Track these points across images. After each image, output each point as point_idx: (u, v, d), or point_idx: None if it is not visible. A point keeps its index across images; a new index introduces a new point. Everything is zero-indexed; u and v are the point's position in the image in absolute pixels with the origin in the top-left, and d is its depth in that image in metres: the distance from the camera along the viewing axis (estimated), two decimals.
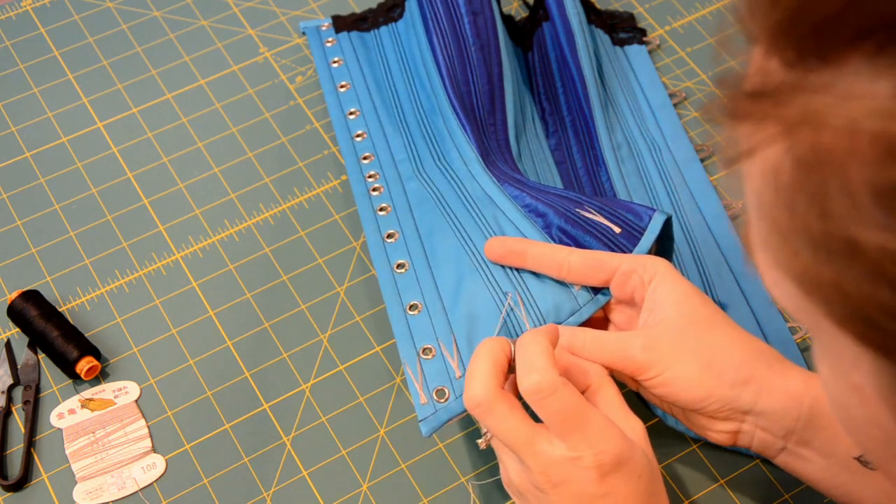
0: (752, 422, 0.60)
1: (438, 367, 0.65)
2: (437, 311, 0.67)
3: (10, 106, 0.86)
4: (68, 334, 0.73)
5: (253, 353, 0.74)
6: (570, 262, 0.64)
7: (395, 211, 0.74)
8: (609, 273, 0.64)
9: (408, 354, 0.66)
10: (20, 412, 0.72)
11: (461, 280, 0.68)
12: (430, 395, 0.64)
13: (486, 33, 0.80)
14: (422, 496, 0.69)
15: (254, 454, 0.71)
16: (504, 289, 0.66)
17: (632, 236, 0.66)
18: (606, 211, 0.68)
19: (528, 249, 0.66)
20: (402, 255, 0.71)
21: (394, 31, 0.86)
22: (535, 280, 0.66)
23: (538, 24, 0.86)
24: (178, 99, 0.87)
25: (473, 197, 0.72)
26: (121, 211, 0.81)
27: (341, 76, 0.84)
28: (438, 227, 0.71)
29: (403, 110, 0.81)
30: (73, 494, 0.69)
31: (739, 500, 0.69)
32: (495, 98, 0.78)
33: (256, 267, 0.78)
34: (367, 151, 0.79)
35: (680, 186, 0.80)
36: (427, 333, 0.67)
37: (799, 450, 0.59)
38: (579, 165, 0.81)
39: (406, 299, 0.69)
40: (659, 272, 0.62)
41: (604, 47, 0.87)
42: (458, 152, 0.75)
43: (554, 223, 0.68)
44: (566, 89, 0.84)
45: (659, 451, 0.70)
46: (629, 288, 0.63)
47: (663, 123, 0.84)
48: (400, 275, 0.70)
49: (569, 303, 0.65)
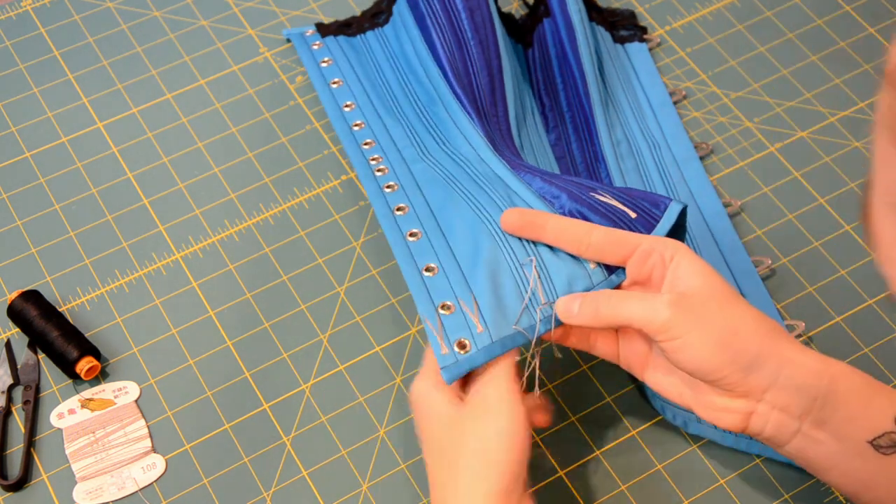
0: (770, 400, 0.59)
1: (458, 321, 0.64)
2: (455, 274, 0.66)
3: (10, 106, 0.86)
4: (68, 334, 0.73)
5: (253, 353, 0.74)
6: (591, 236, 0.64)
7: (403, 188, 0.73)
8: (629, 250, 0.64)
9: (426, 310, 0.65)
10: (20, 412, 0.72)
11: (478, 247, 0.67)
12: (451, 347, 0.64)
13: (483, 29, 0.80)
14: (422, 496, 0.69)
15: (254, 454, 0.71)
16: (521, 260, 0.66)
17: (647, 223, 0.66)
18: (622, 197, 0.67)
19: (547, 222, 0.65)
20: (414, 225, 0.70)
21: (381, 35, 0.86)
22: (550, 254, 0.66)
23: (539, 20, 0.86)
24: (178, 99, 0.87)
25: (485, 177, 0.72)
26: (121, 211, 0.81)
27: (332, 74, 0.84)
28: (451, 200, 0.70)
29: (399, 103, 0.81)
30: (73, 494, 0.69)
31: (739, 500, 0.69)
32: (496, 91, 0.79)
33: (256, 267, 0.78)
34: (368, 138, 0.78)
35: (679, 184, 0.80)
36: (446, 292, 0.66)
37: (813, 432, 0.59)
38: (578, 161, 0.81)
39: (421, 262, 0.68)
40: (679, 252, 0.62)
41: (604, 45, 0.87)
42: (465, 138, 0.75)
43: (568, 205, 0.67)
44: (566, 86, 0.84)
45: (659, 451, 0.70)
46: (648, 266, 0.63)
47: (663, 121, 0.84)
48: (413, 242, 0.69)
49: (582, 280, 0.65)
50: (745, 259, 0.77)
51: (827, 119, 0.85)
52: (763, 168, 0.83)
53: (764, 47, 0.90)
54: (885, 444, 0.58)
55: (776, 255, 0.78)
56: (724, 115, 0.86)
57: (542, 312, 0.64)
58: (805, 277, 0.77)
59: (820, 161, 0.83)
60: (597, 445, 0.71)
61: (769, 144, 0.84)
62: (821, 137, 0.84)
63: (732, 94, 0.87)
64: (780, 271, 0.78)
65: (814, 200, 0.81)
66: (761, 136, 0.84)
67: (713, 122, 0.85)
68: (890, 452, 0.59)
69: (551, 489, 0.69)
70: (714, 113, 0.86)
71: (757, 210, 0.80)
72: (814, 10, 0.92)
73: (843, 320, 0.75)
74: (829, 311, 0.76)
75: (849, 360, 0.74)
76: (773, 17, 0.91)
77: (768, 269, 0.77)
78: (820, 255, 0.78)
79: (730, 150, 0.84)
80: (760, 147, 0.84)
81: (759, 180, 0.82)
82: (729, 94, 0.87)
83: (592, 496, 0.69)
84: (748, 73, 0.88)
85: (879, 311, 0.76)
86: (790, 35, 0.90)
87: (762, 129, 0.85)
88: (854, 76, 0.88)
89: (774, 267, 0.78)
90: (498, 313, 0.64)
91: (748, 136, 0.84)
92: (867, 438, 0.59)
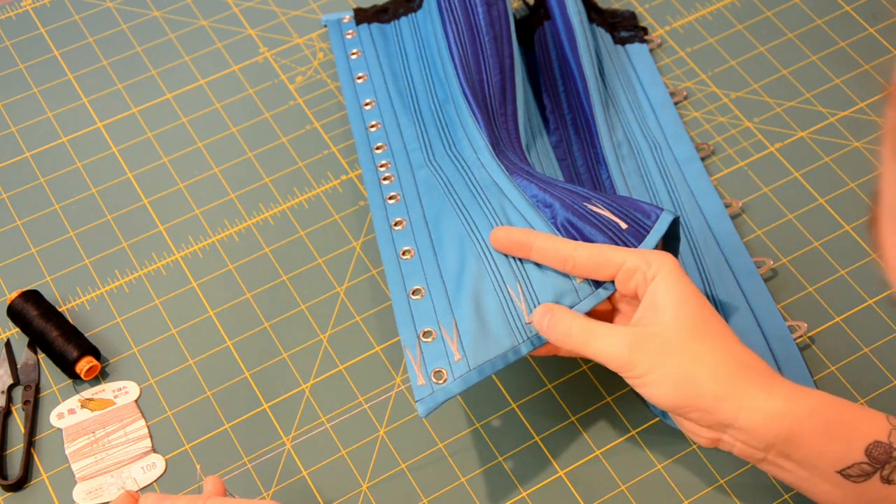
0: (732, 434, 0.60)
1: (438, 349, 0.65)
2: (440, 296, 0.68)
3: (10, 106, 0.86)
4: (68, 334, 0.73)
5: (253, 353, 0.74)
6: (576, 256, 0.64)
7: (405, 199, 0.74)
8: (614, 269, 0.64)
9: (408, 338, 0.67)
10: (20, 412, 0.72)
11: (464, 266, 0.68)
12: (427, 377, 0.65)
13: (499, 24, 0.80)
14: (422, 496, 0.69)
15: (254, 454, 0.71)
16: (505, 278, 0.66)
17: (638, 233, 0.66)
18: (614, 207, 0.68)
19: (533, 242, 0.66)
20: (408, 242, 0.71)
21: (413, 22, 0.87)
22: (536, 270, 0.66)
23: (539, 22, 0.86)
24: (178, 99, 0.87)
25: (481, 184, 0.72)
26: (121, 211, 0.81)
27: (359, 68, 0.85)
28: (445, 213, 0.71)
29: (418, 100, 0.81)
30: (73, 494, 0.69)
31: (739, 500, 0.69)
32: (506, 89, 0.79)
33: (256, 267, 0.78)
34: (381, 141, 0.79)
35: (680, 185, 0.80)
36: (429, 317, 0.67)
37: (780, 461, 0.60)
38: (580, 163, 0.81)
39: (410, 284, 0.69)
40: (662, 270, 0.62)
41: (605, 46, 0.87)
42: (469, 140, 0.76)
43: (560, 215, 0.68)
44: (567, 87, 0.84)
45: (659, 451, 0.70)
46: (633, 284, 0.63)
47: (664, 122, 0.84)
48: (405, 261, 0.70)
49: (569, 295, 0.65)
50: (746, 260, 0.77)
51: (827, 119, 0.85)
52: (763, 168, 0.83)
53: (764, 47, 0.90)
54: (854, 474, 0.58)
55: (776, 256, 0.78)
56: (724, 115, 0.86)
57: (526, 331, 0.65)
58: (805, 277, 0.77)
59: (820, 161, 0.83)
60: (597, 445, 0.71)
61: (769, 144, 0.84)
62: (821, 137, 0.84)
63: (732, 94, 0.87)
64: (780, 271, 0.78)
65: (814, 200, 0.81)
66: (761, 136, 0.84)
67: (713, 122, 0.85)
68: (861, 481, 0.58)
69: (551, 489, 0.69)
70: (714, 113, 0.86)
71: (757, 210, 0.80)
72: (814, 10, 0.92)
73: (843, 320, 0.75)
74: (829, 311, 0.76)
75: (849, 360, 0.74)
76: (773, 17, 0.91)
77: (770, 270, 0.77)
78: (820, 255, 0.78)
79: (730, 151, 0.84)
80: (760, 147, 0.84)
81: (759, 180, 0.82)
82: (729, 94, 0.87)
83: (592, 496, 0.69)
84: (748, 73, 0.88)
85: (879, 311, 0.76)
86: (790, 35, 0.90)
87: (762, 129, 0.85)
88: (854, 76, 0.88)
89: (775, 266, 0.78)
90: (479, 337, 0.65)
91: (748, 136, 0.84)
92: (836, 469, 0.59)
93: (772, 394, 0.59)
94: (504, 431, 0.71)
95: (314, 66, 0.88)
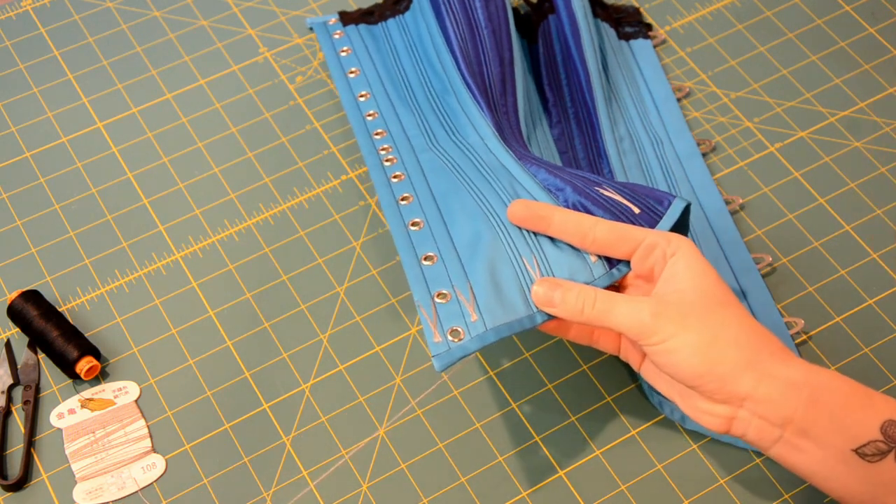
0: (750, 408, 0.60)
1: (454, 309, 0.65)
2: (453, 263, 0.67)
3: (10, 106, 0.86)
4: (68, 334, 0.73)
5: (253, 353, 0.74)
6: (596, 231, 0.64)
7: (409, 178, 0.74)
8: (633, 245, 0.64)
9: (422, 297, 0.66)
10: (20, 412, 0.72)
11: (478, 237, 0.67)
12: (443, 334, 0.64)
13: (497, 18, 0.81)
14: (422, 496, 0.69)
15: (254, 454, 0.71)
16: (521, 251, 0.66)
17: (650, 219, 0.66)
18: (626, 192, 0.68)
19: (553, 215, 0.66)
20: (416, 215, 0.71)
21: (401, 23, 0.87)
22: (552, 246, 0.66)
23: (544, 16, 0.87)
24: (178, 99, 0.87)
25: (490, 166, 0.72)
26: (121, 211, 0.81)
27: (350, 63, 0.85)
28: (454, 189, 0.71)
29: (414, 92, 0.81)
30: (73, 494, 0.69)
31: (739, 500, 0.69)
32: (506, 82, 0.79)
33: (256, 267, 0.78)
34: (379, 128, 0.79)
35: (681, 180, 0.80)
36: (442, 281, 0.66)
37: (795, 440, 0.59)
38: (581, 157, 0.82)
39: (421, 251, 0.68)
40: (682, 248, 0.63)
41: (609, 41, 0.87)
42: (474, 128, 0.76)
43: (571, 198, 0.68)
44: (570, 82, 0.84)
45: (659, 451, 0.70)
46: (650, 261, 0.63)
47: (666, 117, 0.84)
48: (415, 231, 0.70)
49: (584, 273, 0.65)
50: (745, 256, 0.77)
51: (827, 119, 0.85)
52: (763, 168, 0.83)
53: (764, 47, 0.90)
54: (870, 453, 0.58)
55: (776, 255, 0.78)
56: (724, 115, 0.86)
57: None
58: (805, 277, 0.77)
59: (820, 161, 0.83)
60: (597, 445, 0.71)
61: (769, 144, 0.84)
62: (821, 137, 0.84)
63: (732, 94, 0.87)
64: (780, 271, 0.78)
65: (814, 200, 0.81)
66: (761, 136, 0.84)
67: (713, 122, 0.85)
68: (875, 460, 0.58)
69: (551, 489, 0.69)
70: (714, 113, 0.86)
71: (757, 210, 0.80)
72: (814, 10, 0.92)
73: (843, 320, 0.75)
74: (829, 311, 0.76)
75: (849, 360, 0.74)
76: (773, 17, 0.91)
77: (768, 267, 0.77)
78: (820, 255, 0.78)
79: (730, 150, 0.84)
80: (760, 147, 0.84)
81: (759, 180, 0.82)
82: (729, 94, 0.87)
83: (592, 496, 0.69)
84: (748, 73, 0.88)
85: (879, 311, 0.76)
86: (790, 35, 0.90)
87: (762, 129, 0.85)
88: (854, 76, 0.88)
89: (776, 266, 0.78)
90: (494, 301, 0.64)
91: (748, 136, 0.84)
92: (851, 447, 0.59)
93: (790, 365, 0.60)
94: (504, 431, 0.71)
95: (314, 66, 0.88)
